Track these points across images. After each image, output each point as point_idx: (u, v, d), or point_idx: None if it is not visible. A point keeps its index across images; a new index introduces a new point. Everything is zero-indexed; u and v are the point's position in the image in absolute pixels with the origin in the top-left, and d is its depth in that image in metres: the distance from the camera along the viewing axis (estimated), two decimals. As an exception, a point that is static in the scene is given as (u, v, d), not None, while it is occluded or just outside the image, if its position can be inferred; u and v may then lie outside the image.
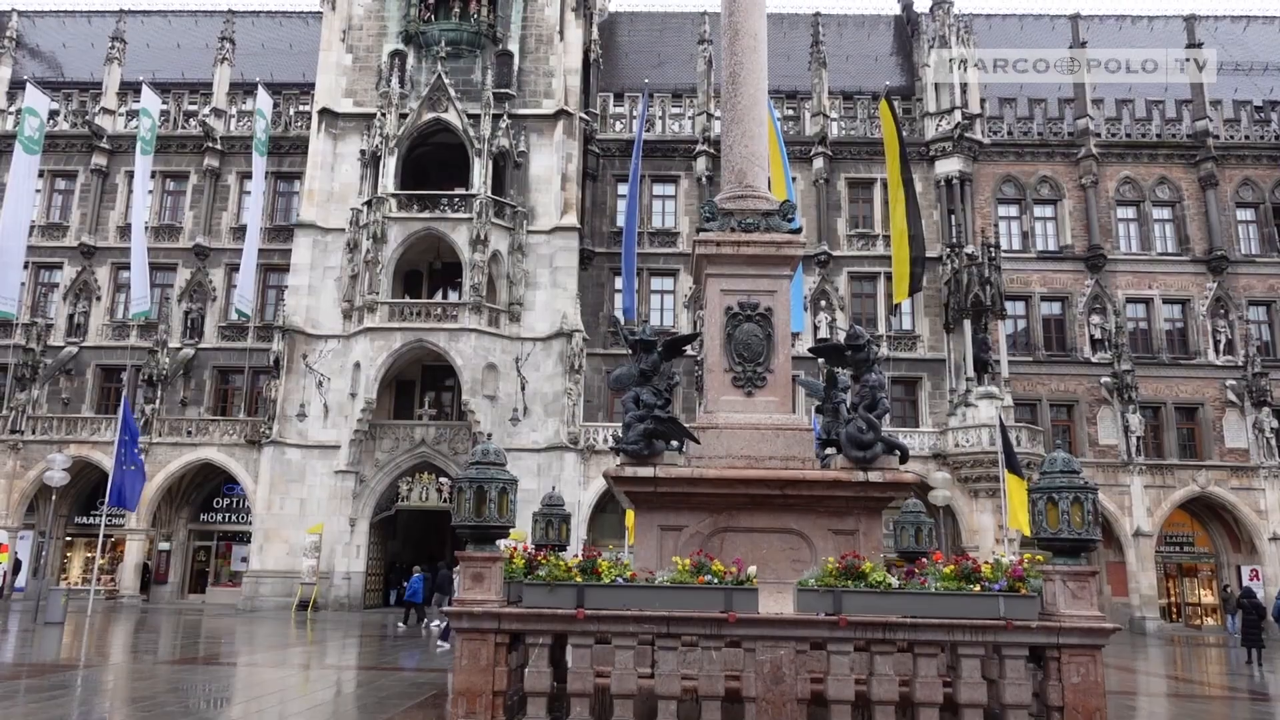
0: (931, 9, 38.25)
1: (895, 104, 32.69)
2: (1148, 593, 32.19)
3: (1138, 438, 32.96)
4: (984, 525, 31.10)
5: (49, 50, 42.49)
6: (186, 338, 35.43)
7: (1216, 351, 34.73)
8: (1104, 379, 33.86)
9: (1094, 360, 34.46)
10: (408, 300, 32.86)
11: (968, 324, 32.72)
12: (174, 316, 35.48)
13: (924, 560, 9.01)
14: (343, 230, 33.48)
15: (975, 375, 32.39)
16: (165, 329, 34.43)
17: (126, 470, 25.49)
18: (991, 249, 33.18)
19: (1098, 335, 34.71)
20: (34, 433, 33.32)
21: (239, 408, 35.04)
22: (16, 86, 37.43)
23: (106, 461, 30.69)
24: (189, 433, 33.48)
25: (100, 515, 29.15)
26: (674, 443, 9.73)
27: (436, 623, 22.80)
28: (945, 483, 29.39)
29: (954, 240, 34.61)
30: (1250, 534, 32.92)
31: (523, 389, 31.98)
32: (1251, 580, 31.59)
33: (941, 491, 28.54)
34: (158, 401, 33.40)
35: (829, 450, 10.03)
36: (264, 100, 35.75)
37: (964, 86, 36.17)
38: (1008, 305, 33.47)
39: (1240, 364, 34.01)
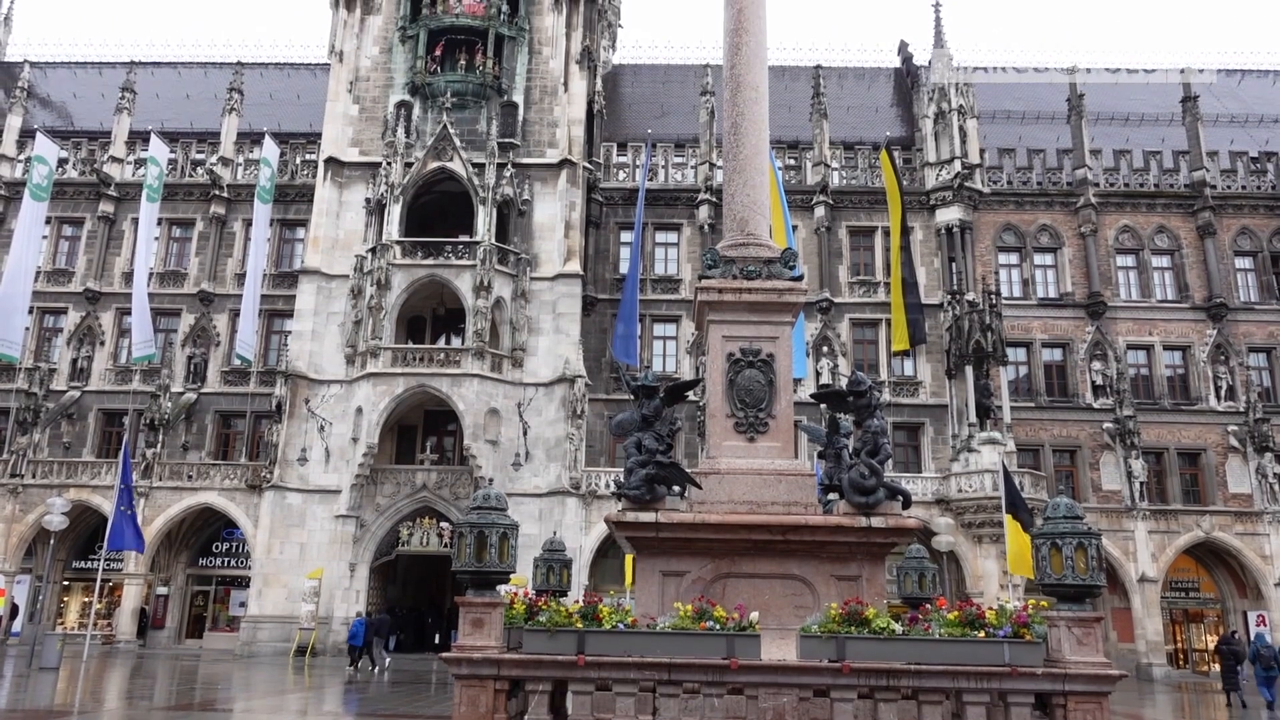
0: (931, 62, 38.91)
1: (895, 154, 33.20)
2: (1154, 639, 31.84)
3: (1141, 483, 32.87)
4: (988, 571, 30.86)
5: (60, 100, 43.18)
6: (189, 382, 35.53)
7: (1218, 397, 34.77)
8: (1106, 425, 33.85)
9: (1096, 406, 34.47)
10: (411, 346, 32.98)
11: (969, 370, 32.79)
12: (177, 361, 35.62)
13: (928, 606, 8.97)
14: (347, 277, 33.74)
15: (978, 421, 32.39)
16: (168, 374, 34.54)
17: (126, 514, 25.40)
18: (992, 296, 33.36)
19: (1099, 381, 34.77)
20: (34, 476, 33.26)
21: (240, 452, 35.01)
22: (27, 135, 37.97)
23: (106, 505, 30.65)
24: (189, 477, 33.41)
25: (99, 559, 29.00)
26: (676, 488, 9.73)
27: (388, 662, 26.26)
28: (948, 528, 29.26)
29: (955, 287, 34.81)
30: (1256, 579, 32.66)
31: (525, 434, 31.97)
32: (1259, 625, 31.26)
33: (945, 537, 28.39)
34: (159, 446, 33.39)
35: (831, 496, 10.02)
36: (270, 149, 36.26)
37: (963, 137, 36.64)
38: (1009, 351, 33.55)
39: (1242, 410, 34.06)
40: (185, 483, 33.27)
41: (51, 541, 29.68)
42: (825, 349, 34.99)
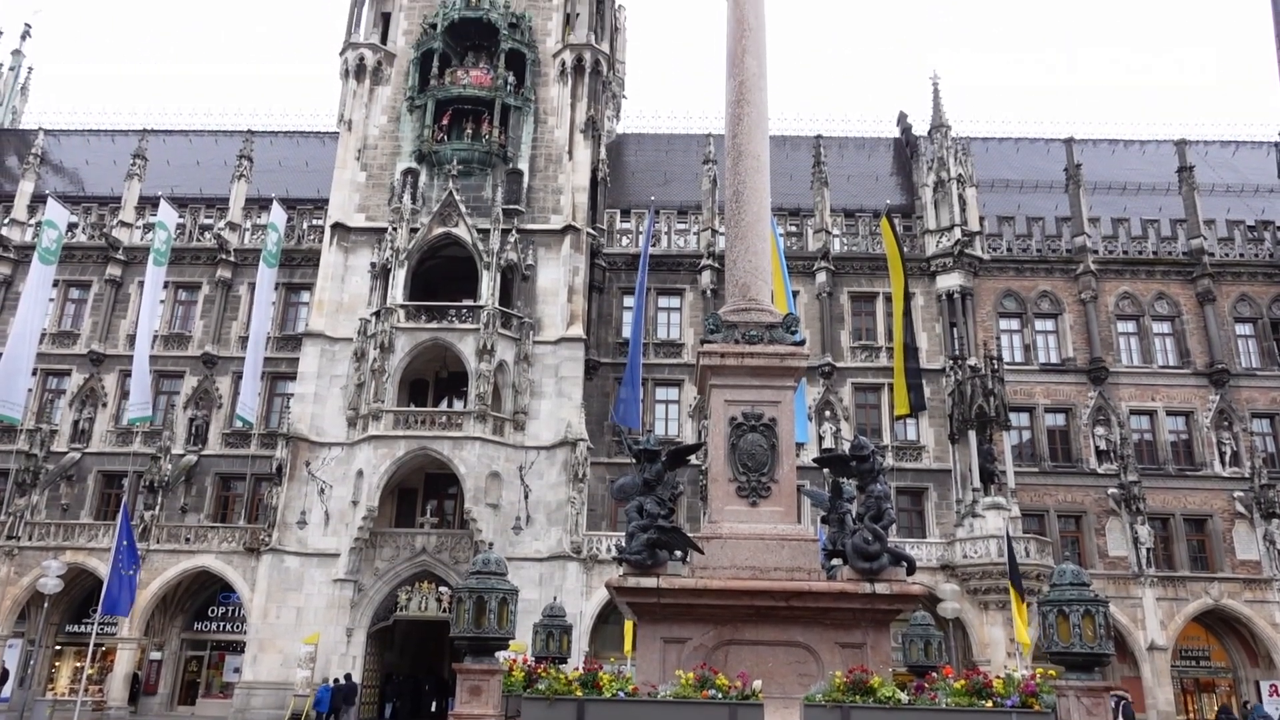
0: (930, 132, 39.63)
1: (896, 221, 33.60)
2: (1165, 709, 31.15)
3: (1148, 549, 32.55)
4: (995, 638, 30.35)
5: (72, 167, 43.94)
6: (190, 444, 35.49)
7: (1223, 463, 34.61)
8: (1111, 490, 33.65)
9: (1100, 471, 34.31)
10: (413, 408, 32.98)
11: (973, 435, 32.70)
12: (178, 423, 35.62)
13: (934, 675, 8.83)
14: (350, 340, 33.91)
15: (981, 486, 32.20)
16: (169, 435, 34.51)
17: (123, 575, 25.15)
18: (994, 361, 33.45)
19: (1103, 446, 34.67)
20: (30, 539, 33.00)
21: (239, 515, 34.79)
22: (38, 200, 38.53)
23: (102, 568, 30.31)
24: (187, 540, 33.13)
25: (92, 623, 28.61)
26: (678, 553, 9.66)
27: None
28: (954, 595, 28.89)
29: (957, 352, 34.93)
30: (1267, 648, 32.12)
31: (526, 497, 31.78)
32: (1272, 696, 30.64)
33: (950, 604, 28.01)
34: (158, 508, 33.19)
35: (835, 561, 9.94)
36: (278, 214, 36.78)
37: (963, 205, 37.13)
38: (1012, 416, 33.50)
39: (1247, 476, 33.91)
40: (183, 545, 32.98)
41: (45, 605, 29.31)
42: (828, 413, 34.97)
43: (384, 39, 38.35)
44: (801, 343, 11.00)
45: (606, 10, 39.20)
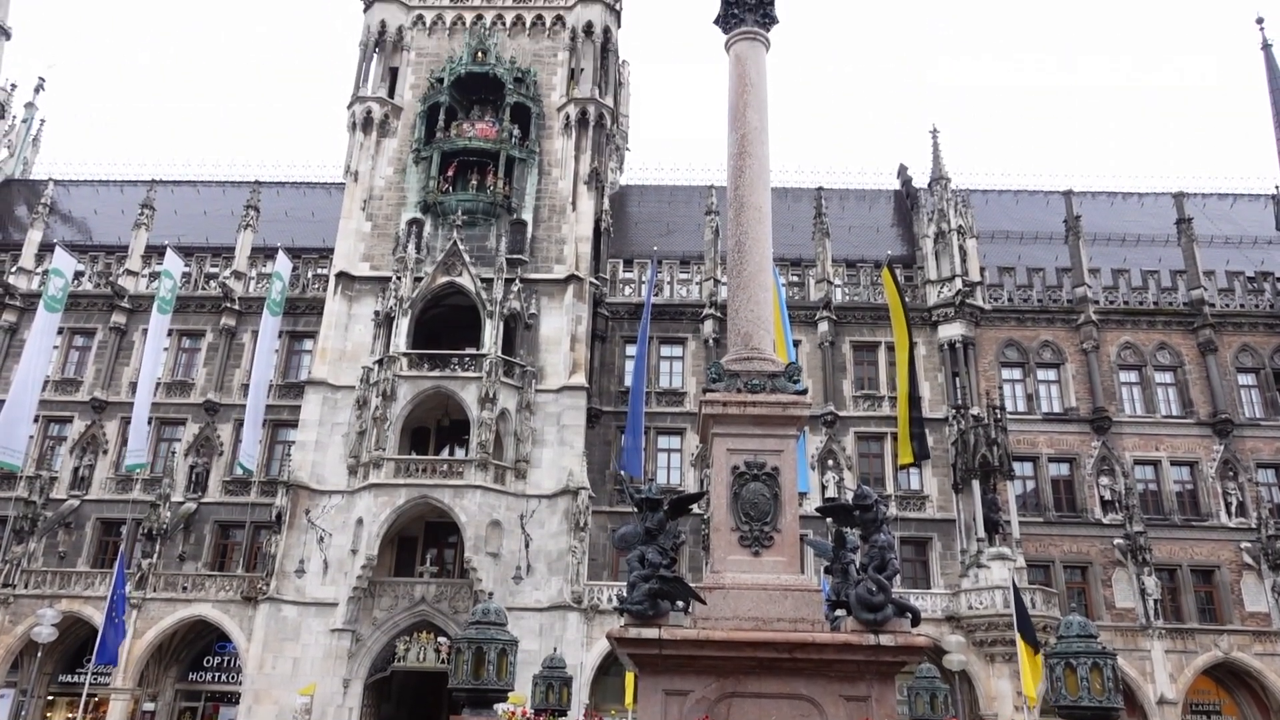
0: (930, 184, 40.05)
1: (897, 272, 33.81)
2: (1178, 768, 30.55)
3: (1155, 601, 32.17)
4: (1002, 691, 29.87)
5: (80, 216, 44.43)
6: (190, 492, 35.37)
7: (1229, 513, 34.38)
8: (1117, 540, 33.38)
9: (1105, 521, 34.07)
10: (414, 456, 32.90)
11: (976, 484, 32.52)
12: (179, 470, 35.52)
13: (940, 730, 8.69)
14: (353, 388, 33.96)
15: (986, 536, 31.94)
16: (169, 483, 34.38)
17: (118, 624, 24.93)
18: (997, 410, 33.39)
19: (1108, 496, 34.48)
20: (26, 587, 32.71)
21: (238, 563, 34.53)
22: (46, 249, 38.87)
23: (97, 617, 30.08)
24: (184, 588, 32.83)
25: (86, 673, 28.24)
26: (679, 603, 9.56)
27: None
28: (960, 646, 28.48)
29: (959, 402, 34.90)
30: (1279, 703, 31.56)
31: (526, 546, 31.55)
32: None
33: (956, 656, 27.61)
34: (155, 556, 32.95)
35: (839, 612, 9.84)
36: (283, 263, 37.08)
37: (963, 256, 37.37)
38: (1015, 466, 33.37)
39: (1254, 526, 33.64)
40: (179, 594, 32.68)
41: (39, 654, 28.98)
42: (830, 462, 34.85)
43: (391, 93, 39.00)
44: (804, 392, 11.00)
45: (610, 66, 39.89)
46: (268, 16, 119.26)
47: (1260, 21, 47.20)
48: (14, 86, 48.37)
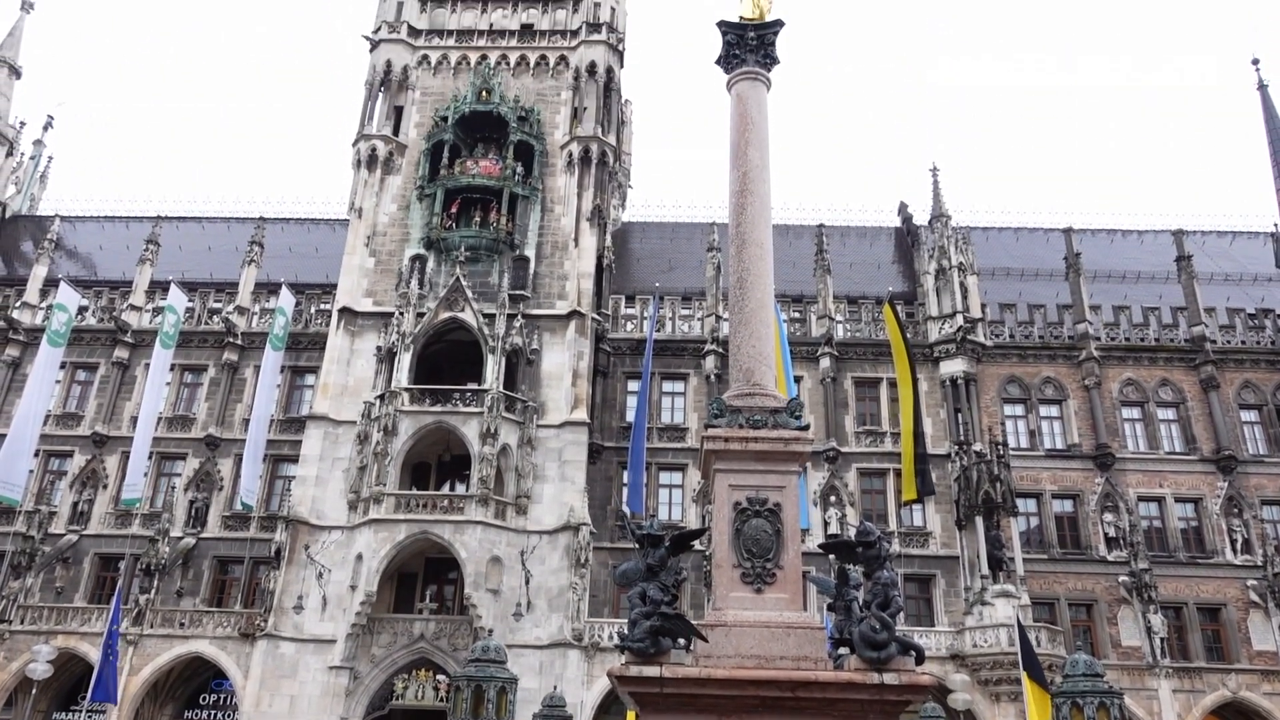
0: (930, 222, 40.31)
1: (898, 308, 33.93)
2: (1188, 812, 30.05)
3: (1161, 639, 31.85)
4: (1008, 736, 29.43)
5: (86, 251, 44.70)
6: (189, 527, 35.22)
7: (1234, 551, 34.17)
8: (1122, 578, 33.13)
9: (1110, 559, 33.85)
10: (414, 492, 32.79)
11: (979, 521, 32.35)
12: (178, 505, 35.40)
13: (945, 771, 8.58)
14: (354, 423, 33.93)
15: (990, 573, 31.70)
16: (168, 518, 34.24)
17: (114, 662, 24.68)
18: (999, 446, 33.30)
19: (1112, 533, 34.29)
20: (22, 623, 32.43)
21: (236, 599, 34.28)
22: (51, 284, 39.09)
23: (94, 654, 29.80)
24: (181, 624, 32.55)
25: (81, 710, 27.93)
26: (681, 641, 9.48)
27: None
28: (965, 685, 28.16)
29: (961, 438, 34.83)
30: (1290, 745, 31.13)
31: (527, 583, 31.33)
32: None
33: (961, 695, 27.29)
34: (153, 592, 32.71)
35: (842, 650, 9.74)
36: (286, 298, 37.24)
37: (964, 292, 37.50)
38: (1019, 502, 33.23)
39: (1259, 564, 33.43)
40: (177, 630, 32.39)
41: (33, 691, 28.67)
42: (833, 498, 34.71)
43: (396, 131, 39.41)
44: (806, 427, 10.99)
45: (613, 105, 40.35)
46: (274, 55, 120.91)
47: (1256, 62, 47.75)
48: (23, 124, 48.90)
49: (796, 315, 38.34)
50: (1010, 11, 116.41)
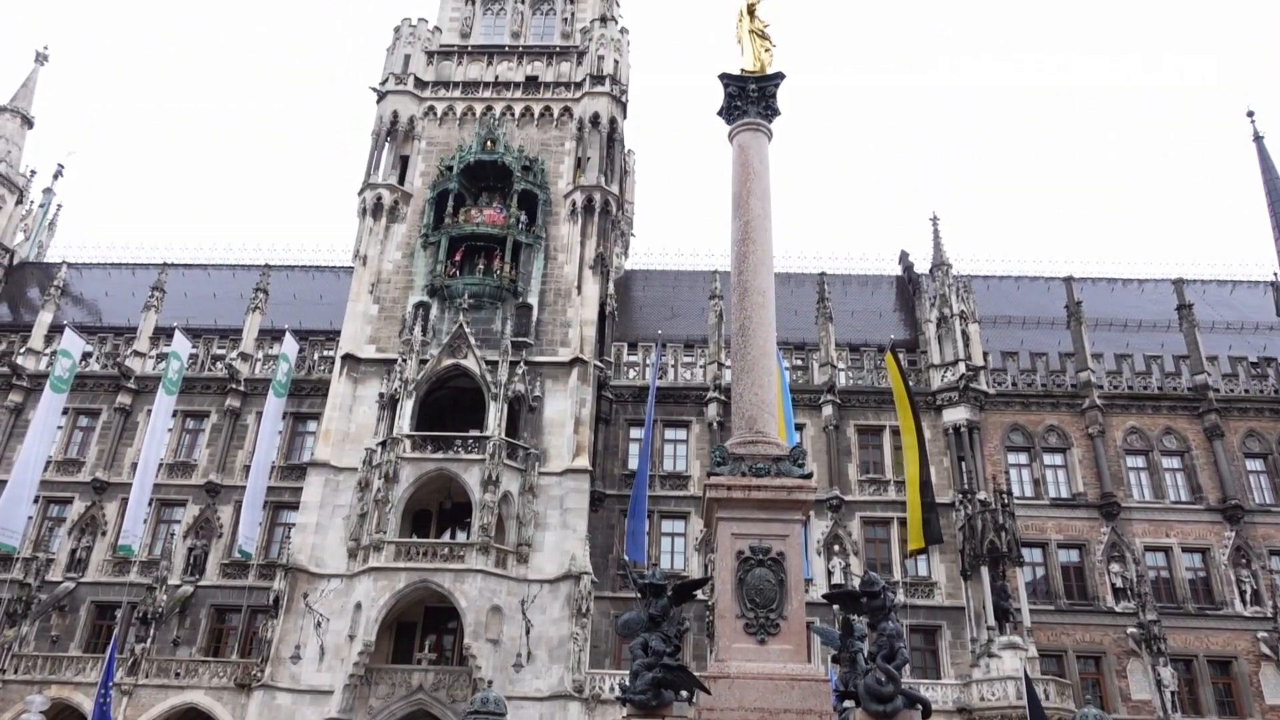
0: (931, 270, 40.51)
1: (900, 356, 33.95)
2: None
3: (1172, 693, 31.23)
4: (1018, 794, 28.82)
5: (91, 298, 44.96)
6: (188, 574, 34.92)
7: (1243, 602, 33.74)
8: (1130, 629, 32.66)
9: (1118, 610, 33.42)
10: (415, 540, 32.55)
11: (985, 571, 32.05)
12: (177, 553, 35.13)
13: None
14: (355, 470, 33.82)
15: (996, 624, 31.32)
16: (166, 565, 33.96)
17: (108, 713, 24.33)
18: (1004, 495, 33.09)
19: (1119, 584, 33.90)
20: (16, 672, 31.99)
21: (233, 648, 33.85)
22: (55, 330, 39.26)
23: (87, 704, 29.38)
24: (177, 674, 32.07)
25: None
26: (684, 693, 9.37)
27: None
28: (972, 744, 27.64)
29: (965, 487, 34.64)
30: (1306, 806, 30.44)
31: (527, 633, 30.95)
32: None
33: (969, 754, 26.77)
34: (149, 641, 32.31)
35: (847, 703, 9.62)
36: (290, 345, 37.35)
37: (966, 340, 37.56)
38: (1025, 552, 32.93)
39: (1269, 615, 32.98)
40: (172, 680, 31.93)
41: (26, 744, 28.19)
42: (837, 548, 34.42)
43: (401, 180, 39.85)
44: (809, 475, 10.98)
45: (616, 154, 40.82)
46: (281, 106, 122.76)
47: (1251, 115, 48.33)
48: (33, 173, 49.49)
49: (799, 363, 38.37)
50: (1011, 50, 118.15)
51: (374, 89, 41.54)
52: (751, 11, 14.90)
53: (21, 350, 39.82)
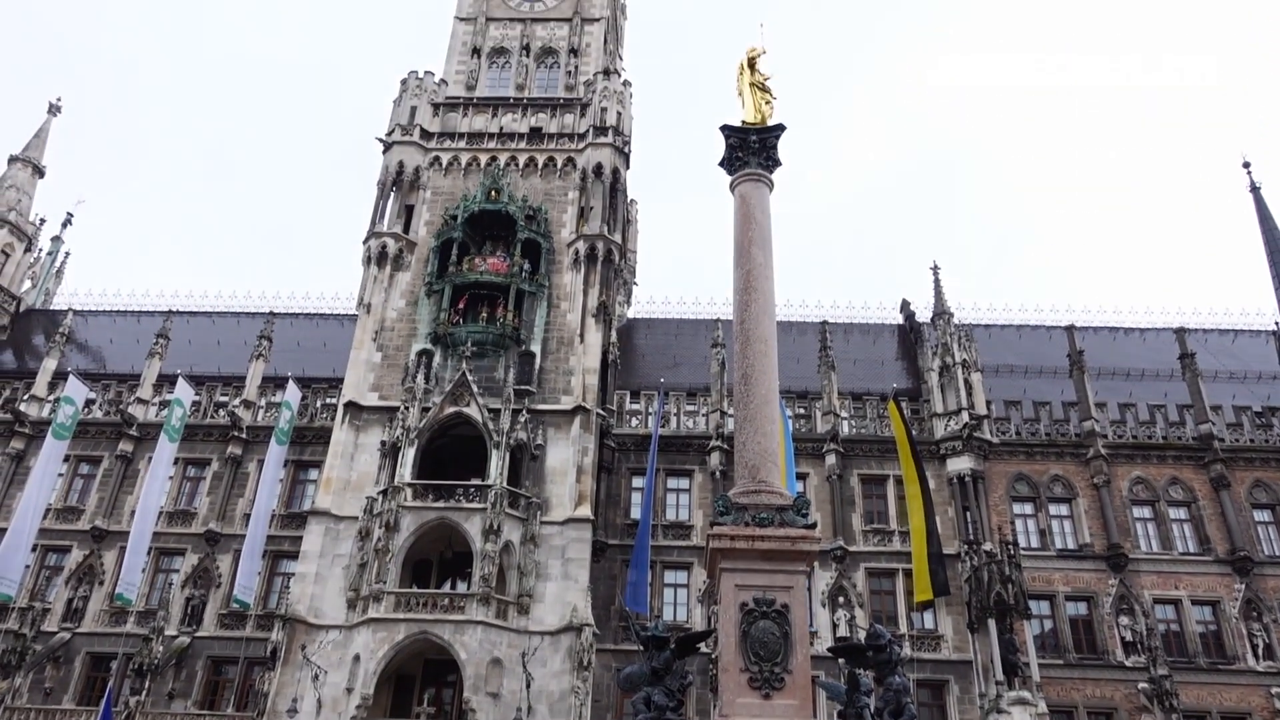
0: (932, 319, 40.59)
1: (903, 405, 33.89)
2: None
3: (1186, 751, 30.58)
4: None
5: (96, 345, 45.10)
6: (185, 625, 34.50)
7: (1256, 656, 33.14)
8: (1141, 685, 32.05)
9: (1128, 664, 32.83)
10: (415, 590, 32.20)
11: (993, 624, 31.56)
12: (174, 603, 34.73)
13: None
14: (356, 519, 33.57)
15: (1005, 678, 30.74)
16: (164, 615, 33.57)
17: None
18: (1010, 546, 32.72)
19: (1129, 637, 33.36)
20: (8, 727, 31.53)
21: (229, 701, 33.30)
22: (59, 378, 39.26)
23: (80, 761, 28.84)
24: (171, 730, 31.56)
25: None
26: (688, 749, 9.19)
27: None
28: (982, 803, 27.01)
29: (971, 537, 34.30)
30: None
31: (528, 686, 30.43)
32: None
33: (979, 814, 26.15)
34: (144, 693, 31.80)
35: (853, 760, 9.41)
36: (293, 393, 37.35)
37: (969, 389, 37.47)
38: (1032, 604, 32.44)
39: (1284, 672, 32.35)
40: (166, 736, 31.39)
41: (16, 801, 27.65)
42: (842, 599, 33.98)
43: (406, 228, 40.16)
44: (813, 526, 10.88)
45: (619, 204, 41.19)
46: (288, 153, 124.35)
47: (1247, 165, 48.80)
48: (43, 221, 49.98)
49: (801, 411, 38.27)
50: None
51: (380, 139, 42.08)
52: (752, 65, 15.17)
53: (25, 397, 39.83)
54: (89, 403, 38.36)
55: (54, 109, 51.97)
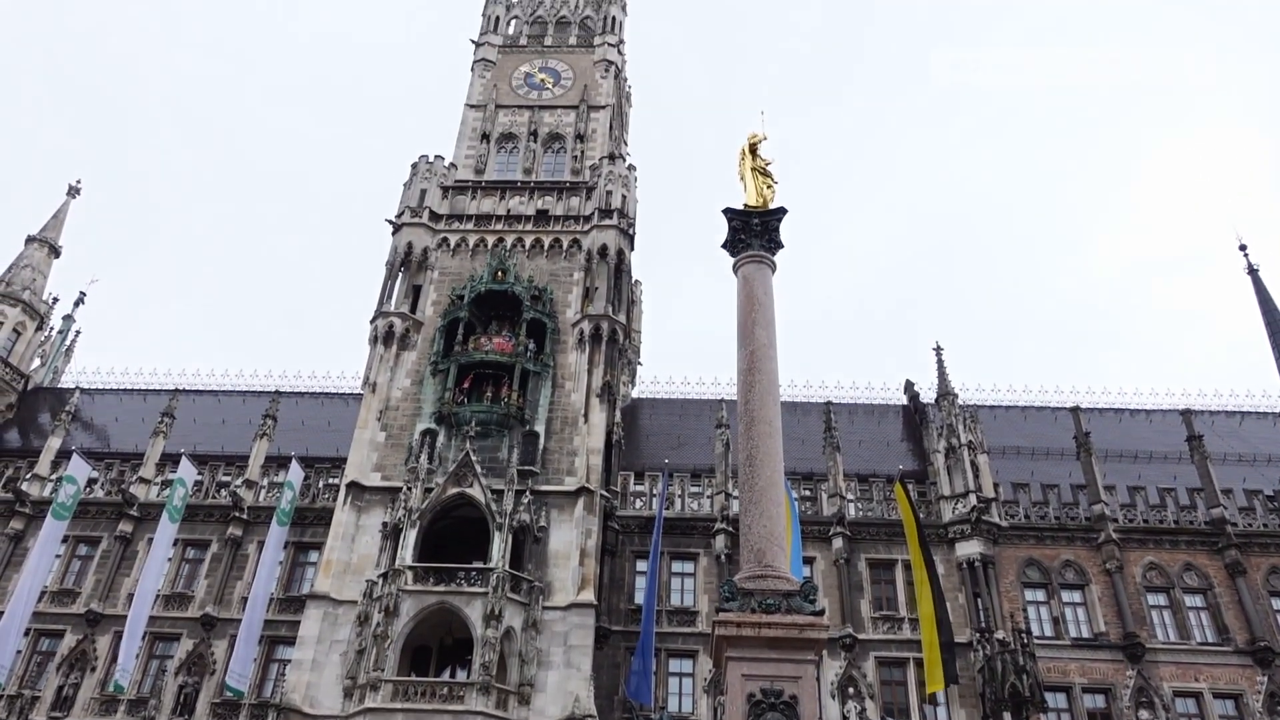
0: (937, 400, 40.45)
1: (910, 487, 33.47)
2: None
3: None
4: None
5: (101, 424, 45.06)
6: (176, 715, 33.53)
7: (1283, 754, 31.93)
8: (1164, 784, 30.86)
9: (1150, 762, 31.64)
10: (413, 679, 31.40)
11: (1008, 716, 30.57)
12: (167, 691, 33.83)
13: None
14: (355, 603, 32.95)
15: (1023, 777, 29.66)
16: (155, 704, 32.72)
17: None
18: (1023, 635, 31.89)
19: (1150, 733, 32.20)
20: (-9, 821, 30.46)
21: (218, 797, 32.20)
22: (63, 456, 39.11)
23: None
24: (159, 825, 30.46)
25: None
26: None
27: None
28: None
29: (982, 625, 33.48)
30: None
31: (528, 781, 29.44)
32: None
33: None
34: (132, 787, 30.82)
35: None
36: (295, 472, 37.10)
37: (975, 471, 37.08)
38: (1048, 696, 31.46)
39: (1312, 770, 31.14)
40: (152, 832, 30.27)
41: None
42: (852, 690, 32.98)
43: (413, 308, 40.49)
44: (821, 612, 10.61)
45: (623, 285, 41.56)
46: (295, 234, 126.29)
47: (1244, 248, 49.21)
48: (55, 300, 50.49)
49: (807, 493, 37.85)
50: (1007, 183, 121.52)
51: (390, 221, 42.74)
52: (754, 150, 15.47)
53: (27, 476, 39.60)
54: (91, 482, 38.09)
55: (73, 191, 53.02)
